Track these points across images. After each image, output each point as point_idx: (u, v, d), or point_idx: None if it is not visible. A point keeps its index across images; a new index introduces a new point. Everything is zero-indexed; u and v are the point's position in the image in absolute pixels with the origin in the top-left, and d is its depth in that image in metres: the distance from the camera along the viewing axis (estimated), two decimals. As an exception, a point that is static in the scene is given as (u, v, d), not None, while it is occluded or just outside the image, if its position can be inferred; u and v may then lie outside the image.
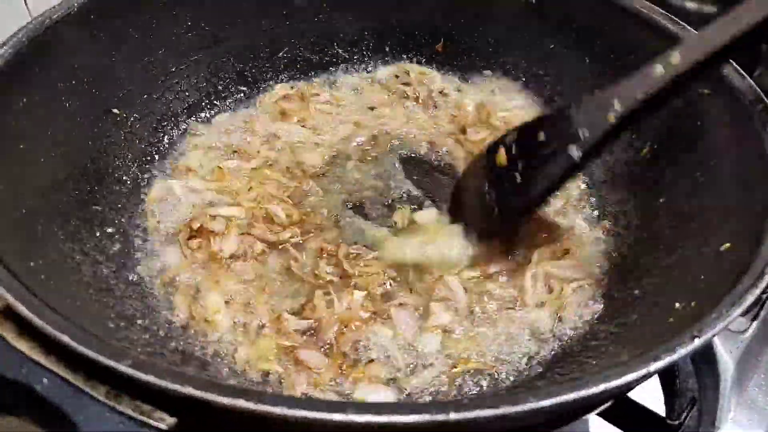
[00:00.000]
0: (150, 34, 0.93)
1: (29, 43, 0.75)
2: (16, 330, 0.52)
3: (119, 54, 0.89)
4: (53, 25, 0.79)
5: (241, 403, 0.45)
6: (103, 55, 0.87)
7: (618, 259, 0.84)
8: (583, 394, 0.47)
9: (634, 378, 0.49)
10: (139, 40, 0.92)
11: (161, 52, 0.95)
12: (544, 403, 0.46)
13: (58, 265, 0.69)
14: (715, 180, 0.74)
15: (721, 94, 0.75)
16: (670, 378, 0.82)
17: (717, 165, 0.75)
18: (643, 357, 0.51)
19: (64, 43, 0.81)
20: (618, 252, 0.85)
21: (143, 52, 0.93)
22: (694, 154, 0.79)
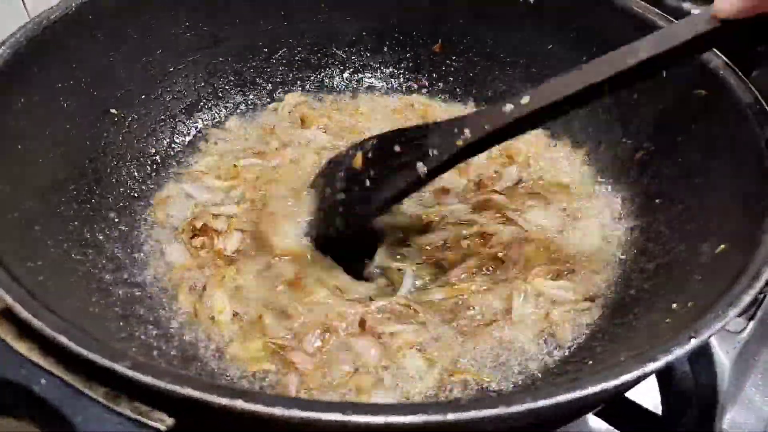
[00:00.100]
0: (148, 34, 0.93)
1: (28, 44, 0.75)
2: (15, 331, 0.52)
3: (118, 54, 0.89)
4: (52, 25, 0.79)
5: (239, 403, 0.45)
6: (101, 55, 0.87)
7: (614, 262, 0.83)
8: (580, 394, 0.47)
9: (631, 378, 0.49)
10: (138, 41, 0.92)
11: (160, 52, 0.95)
12: (541, 404, 0.46)
13: (58, 266, 0.69)
14: (712, 181, 0.74)
15: (718, 95, 0.75)
16: (667, 378, 0.82)
17: (713, 166, 0.75)
18: (640, 357, 0.51)
19: (63, 43, 0.81)
20: (615, 254, 0.84)
21: (142, 53, 0.93)
22: (690, 155, 0.79)
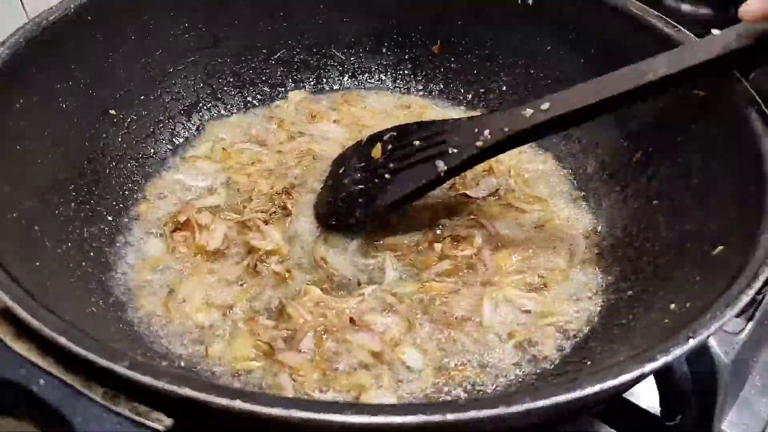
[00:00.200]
0: (147, 35, 0.93)
1: (27, 44, 0.75)
2: (14, 331, 0.52)
3: (117, 55, 0.89)
4: (51, 26, 0.79)
5: (238, 404, 0.45)
6: (100, 56, 0.87)
7: (613, 262, 0.84)
8: (578, 394, 0.47)
9: (630, 379, 0.49)
10: (137, 41, 0.92)
11: (159, 53, 0.95)
12: (540, 404, 0.46)
13: (56, 266, 0.69)
14: (710, 182, 0.74)
15: (716, 96, 0.75)
16: (665, 378, 0.82)
17: (712, 167, 0.75)
18: (639, 358, 0.51)
19: (62, 44, 0.81)
20: (613, 256, 0.85)
21: (141, 53, 0.93)
22: (689, 156, 0.79)
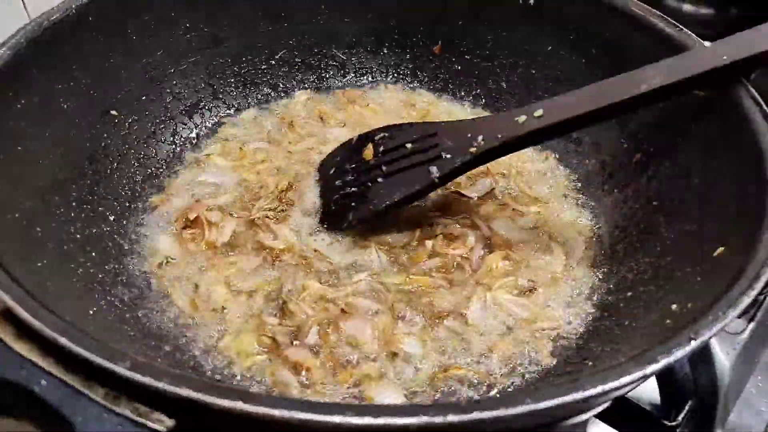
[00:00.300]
0: (148, 35, 0.93)
1: (28, 45, 0.75)
2: (15, 332, 0.52)
3: (117, 55, 0.89)
4: (52, 26, 0.79)
5: (239, 405, 0.45)
6: (101, 56, 0.87)
7: (613, 263, 0.84)
8: (580, 395, 0.47)
9: (631, 380, 0.49)
10: (138, 42, 0.92)
11: (159, 53, 0.95)
12: (541, 405, 0.46)
13: (58, 266, 0.69)
14: (711, 182, 0.74)
15: (717, 96, 0.75)
16: (667, 379, 0.82)
17: (712, 167, 0.75)
18: (640, 359, 0.51)
19: (63, 44, 0.81)
20: (613, 256, 0.84)
21: (141, 54, 0.93)
22: (689, 156, 0.79)
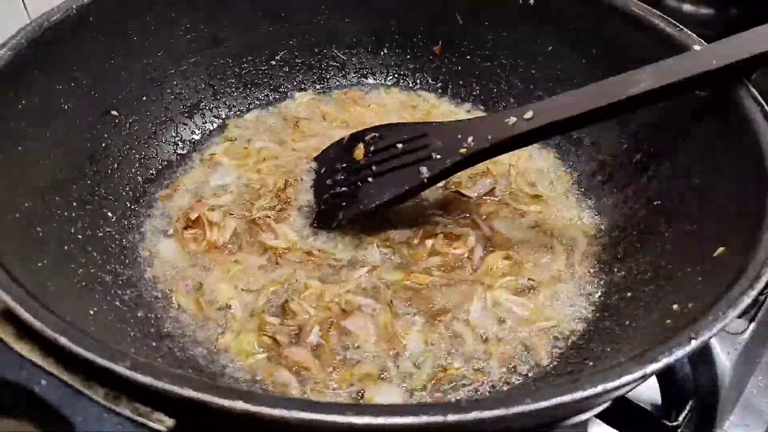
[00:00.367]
0: (148, 36, 0.93)
1: (28, 45, 0.75)
2: (15, 332, 0.52)
3: (118, 56, 0.89)
4: (52, 27, 0.79)
5: (239, 404, 0.45)
6: (101, 57, 0.87)
7: (613, 263, 0.83)
8: (580, 395, 0.47)
9: (632, 379, 0.49)
10: (138, 42, 0.92)
11: (160, 54, 0.95)
12: (541, 405, 0.46)
13: (58, 266, 0.69)
14: (711, 182, 0.74)
15: (717, 96, 0.75)
16: (667, 379, 0.82)
17: (712, 167, 0.75)
18: (641, 358, 0.51)
19: (63, 45, 0.81)
20: (613, 256, 0.84)
21: (142, 54, 0.93)
22: (689, 156, 0.79)
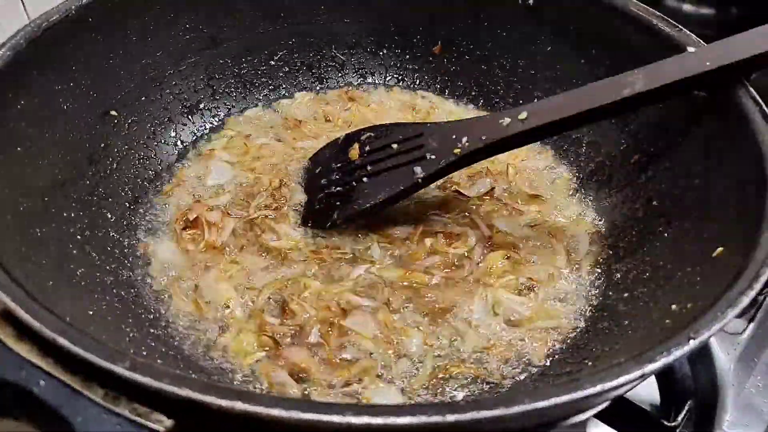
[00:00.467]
0: (148, 36, 0.93)
1: (28, 45, 0.75)
2: (15, 333, 0.52)
3: (117, 56, 0.89)
4: (52, 27, 0.79)
5: (238, 404, 0.45)
6: (101, 57, 0.87)
7: (613, 263, 0.83)
8: (579, 395, 0.47)
9: (630, 379, 0.49)
10: (137, 43, 0.92)
11: (159, 54, 0.96)
12: (540, 405, 0.46)
13: (57, 266, 0.69)
14: (711, 182, 0.74)
15: (717, 97, 0.75)
16: (667, 379, 0.82)
17: (712, 167, 0.75)
18: (640, 358, 0.51)
19: (63, 45, 0.81)
20: (613, 256, 0.84)
21: (141, 55, 0.93)
22: (689, 156, 0.79)
